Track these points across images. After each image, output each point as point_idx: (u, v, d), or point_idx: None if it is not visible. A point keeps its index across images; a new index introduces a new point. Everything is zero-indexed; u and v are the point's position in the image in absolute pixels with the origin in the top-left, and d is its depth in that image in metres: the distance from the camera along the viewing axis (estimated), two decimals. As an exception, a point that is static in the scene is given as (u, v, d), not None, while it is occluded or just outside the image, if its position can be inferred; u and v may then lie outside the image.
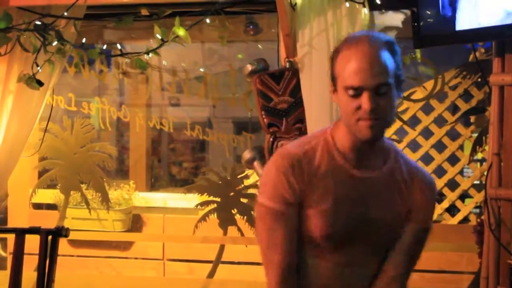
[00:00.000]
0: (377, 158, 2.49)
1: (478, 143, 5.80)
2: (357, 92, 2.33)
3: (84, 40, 4.12)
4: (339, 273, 2.50)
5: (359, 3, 3.88)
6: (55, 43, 3.95)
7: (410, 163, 2.59)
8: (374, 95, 2.32)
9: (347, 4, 3.87)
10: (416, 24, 3.76)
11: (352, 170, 2.47)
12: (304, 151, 2.48)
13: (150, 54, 4.04)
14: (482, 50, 5.14)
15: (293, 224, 2.45)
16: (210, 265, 6.03)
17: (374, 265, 2.54)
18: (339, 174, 2.46)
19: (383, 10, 4.26)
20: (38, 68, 3.98)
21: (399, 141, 6.36)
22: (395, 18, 4.46)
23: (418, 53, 4.91)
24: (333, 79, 2.43)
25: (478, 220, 3.93)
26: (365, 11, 3.92)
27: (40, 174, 6.02)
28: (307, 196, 2.44)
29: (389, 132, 6.33)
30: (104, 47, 4.15)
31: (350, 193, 2.46)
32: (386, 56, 2.36)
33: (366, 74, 2.32)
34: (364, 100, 2.31)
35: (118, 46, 4.21)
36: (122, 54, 4.18)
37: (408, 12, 4.10)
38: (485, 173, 3.73)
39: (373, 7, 3.95)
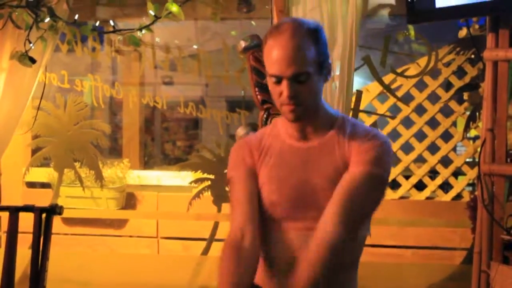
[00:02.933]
0: (319, 130, 2.64)
1: (472, 120, 5.82)
2: (278, 79, 2.51)
3: (76, 17, 4.11)
4: (304, 240, 2.52)
5: (352, -21, 3.89)
6: (47, 19, 3.95)
7: (361, 126, 2.68)
8: (293, 82, 2.49)
9: (341, -20, 3.87)
10: (409, 0, 3.76)
11: (294, 143, 2.66)
12: (255, 136, 2.79)
13: (143, 31, 4.05)
14: (476, 26, 5.14)
15: (250, 187, 2.67)
16: (204, 243, 6.05)
17: None
18: (283, 148, 2.67)
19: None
20: (31, 45, 3.98)
21: (392, 118, 6.38)
22: (388, -4, 4.47)
23: (412, 29, 4.91)
24: (264, 63, 2.60)
25: (471, 196, 3.95)
26: (359, -13, 3.92)
27: (34, 152, 6.03)
28: (259, 171, 2.69)
29: (383, 109, 6.37)
30: (97, 24, 4.12)
31: (293, 162, 2.63)
32: (305, 46, 2.50)
33: (284, 63, 2.48)
34: (283, 88, 2.50)
35: (111, 23, 4.20)
36: (115, 31, 4.18)
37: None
38: (479, 150, 3.74)
39: (367, -17, 3.96)
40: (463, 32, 5.35)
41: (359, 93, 5.24)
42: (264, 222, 2.64)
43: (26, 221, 4.27)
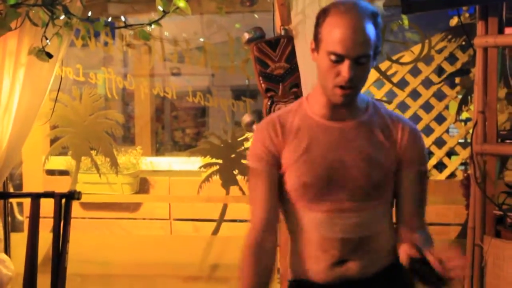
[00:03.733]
0: (352, 111, 2.51)
1: (464, 103, 5.82)
2: (339, 58, 2.35)
3: (89, 14, 4.11)
4: (332, 220, 2.49)
5: (349, -28, 3.87)
6: (62, 17, 3.94)
7: (392, 113, 2.61)
8: (354, 64, 2.35)
9: (338, -27, 3.86)
10: (403, -9, 3.76)
11: (327, 123, 2.52)
12: (279, 114, 2.62)
13: (153, 26, 4.04)
14: (467, 15, 5.13)
15: (271, 182, 2.55)
16: (214, 223, 6.06)
17: (372, 211, 2.52)
18: (315, 128, 2.51)
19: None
20: (47, 41, 3.98)
21: (389, 102, 6.38)
22: (384, -13, 4.47)
23: (405, 19, 4.90)
24: (316, 39, 2.45)
25: (465, 174, 3.96)
26: (356, -21, 3.92)
27: (52, 142, 6.03)
28: (284, 152, 2.53)
29: (379, 94, 6.37)
30: (109, 20, 4.13)
31: (327, 142, 2.49)
32: (370, 28, 2.35)
33: (351, 43, 2.33)
34: (344, 68, 2.35)
35: (122, 18, 4.21)
36: (126, 26, 4.18)
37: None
38: (470, 131, 3.74)
39: (363, -25, 3.95)
40: (454, 21, 5.35)
41: (357, 80, 5.26)
42: (294, 206, 2.57)
43: (47, 206, 4.29)
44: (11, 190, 4.65)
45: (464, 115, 6.09)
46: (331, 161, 2.47)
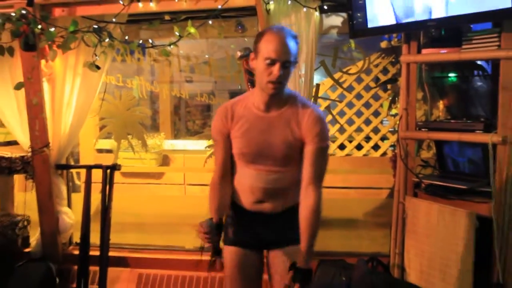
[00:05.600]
0: (279, 104, 2.65)
1: (393, 102, 5.83)
2: (272, 62, 2.52)
3: (126, 37, 4.11)
4: (259, 175, 2.71)
5: (312, 8, 3.87)
6: (107, 40, 3.94)
7: (306, 105, 2.69)
8: (281, 66, 2.53)
9: (305, 9, 3.85)
10: (351, 22, 3.76)
11: (259, 113, 2.68)
12: (232, 103, 2.78)
13: (172, 46, 4.05)
14: (396, 40, 5.13)
15: (225, 147, 2.77)
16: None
17: (285, 173, 2.69)
18: (250, 115, 2.69)
19: (329, 14, 4.26)
20: (96, 57, 3.97)
21: (340, 102, 6.40)
22: (336, 20, 4.46)
23: (352, 42, 4.90)
24: (256, 51, 2.59)
25: (393, 153, 3.97)
26: (317, 14, 3.91)
27: (100, 129, 6.02)
28: (232, 129, 2.73)
29: (334, 95, 6.37)
30: (140, 41, 4.12)
31: (257, 126, 2.67)
32: (292, 44, 2.55)
33: (281, 51, 2.52)
34: (276, 69, 2.53)
35: (150, 41, 4.19)
36: (153, 46, 4.19)
37: (345, 15, 4.09)
38: (398, 122, 3.76)
39: (322, 11, 3.94)
40: (383, 44, 5.35)
41: (318, 85, 5.23)
42: (238, 162, 2.78)
43: (97, 175, 4.29)
44: (72, 163, 4.64)
45: (393, 111, 6.11)
46: (261, 141, 2.67)
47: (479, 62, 3.58)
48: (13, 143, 4.56)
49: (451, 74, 3.83)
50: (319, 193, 2.60)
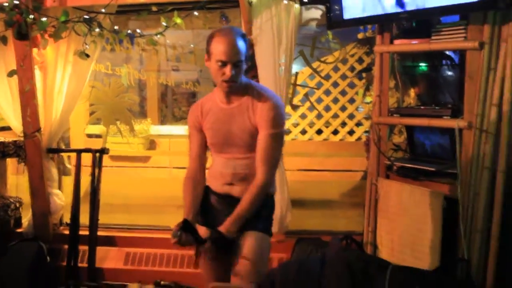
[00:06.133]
0: (238, 96, 2.71)
1: (367, 90, 5.88)
2: (223, 64, 2.59)
3: (116, 27, 4.09)
4: (228, 162, 2.77)
5: (292, 0, 3.88)
6: (97, 29, 3.93)
7: (262, 92, 2.72)
8: (233, 66, 2.59)
9: (285, 1, 3.86)
10: (328, 14, 3.78)
11: (222, 106, 2.74)
12: (202, 101, 2.86)
13: (159, 36, 4.05)
14: (370, 31, 5.16)
15: (199, 139, 2.83)
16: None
17: (251, 159, 2.71)
18: (215, 109, 2.76)
19: (309, 7, 4.27)
20: (86, 46, 3.95)
21: (317, 89, 6.43)
22: (316, 13, 4.47)
23: (330, 34, 4.92)
24: (208, 53, 2.65)
25: (367, 137, 4.00)
26: (296, 6, 3.92)
27: (90, 115, 6.00)
28: (203, 123, 2.79)
29: (312, 83, 6.40)
30: (129, 31, 4.11)
31: (220, 118, 2.74)
32: (241, 44, 2.61)
33: (231, 53, 2.58)
34: (227, 70, 2.60)
35: (138, 30, 4.17)
36: (140, 36, 4.16)
37: (324, 8, 4.10)
38: (371, 108, 3.79)
39: (301, 3, 3.95)
40: (360, 35, 5.39)
41: (297, 74, 5.28)
42: (211, 152, 2.86)
43: (86, 158, 4.29)
44: (63, 147, 4.62)
45: (368, 99, 6.15)
46: (225, 131, 2.73)
47: (447, 52, 3.61)
48: (6, 128, 4.54)
49: (422, 64, 3.85)
50: (267, 176, 2.68)
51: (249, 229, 2.70)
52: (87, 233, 4.19)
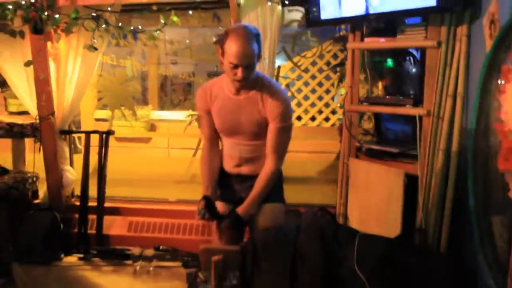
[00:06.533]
0: (248, 88, 2.56)
1: (341, 81, 5.89)
2: (235, 66, 2.43)
3: (120, 24, 4.06)
4: (234, 146, 2.70)
5: (275, 2, 3.87)
6: (103, 26, 3.91)
7: (271, 87, 2.60)
8: (244, 69, 2.43)
9: (269, 3, 3.84)
10: (307, 15, 3.77)
11: (231, 96, 2.61)
12: (211, 84, 2.69)
13: (158, 32, 4.03)
14: (344, 30, 5.17)
15: (209, 120, 2.71)
16: (193, 150, 6.07)
17: (257, 145, 2.66)
18: (223, 96, 2.62)
19: (291, 9, 4.25)
20: (94, 40, 3.94)
21: (298, 79, 6.45)
22: (297, 15, 4.47)
23: (309, 32, 4.92)
24: (222, 49, 2.49)
25: (339, 123, 4.01)
26: (279, 7, 3.91)
27: (98, 101, 5.98)
28: (211, 108, 2.67)
29: (293, 76, 6.40)
30: (132, 28, 4.08)
31: (228, 106, 2.61)
32: (254, 46, 2.43)
33: (242, 57, 2.41)
34: (239, 71, 2.44)
35: (140, 27, 4.15)
36: (142, 31, 4.15)
37: (303, 10, 4.09)
38: (344, 98, 3.79)
39: (283, 4, 3.94)
40: (337, 34, 5.40)
41: (279, 67, 5.28)
42: (220, 134, 2.75)
43: (95, 139, 4.27)
44: (74, 129, 4.61)
45: (342, 91, 6.18)
46: (232, 120, 2.63)
47: (410, 50, 3.63)
48: (25, 113, 4.52)
49: (388, 59, 3.86)
50: (277, 164, 2.64)
51: (265, 201, 2.69)
52: (95, 204, 4.19)
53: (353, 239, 3.17)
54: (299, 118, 6.72)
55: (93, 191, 4.22)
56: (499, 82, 2.34)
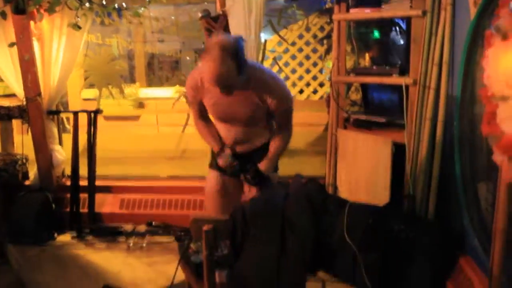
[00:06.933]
0: (242, 87, 2.49)
1: (327, 53, 5.89)
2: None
3: (104, 2, 4.02)
4: (229, 131, 2.72)
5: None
6: (87, 4, 3.87)
7: (266, 80, 2.56)
8: (223, 87, 2.40)
9: (253, -22, 3.82)
10: (292, -13, 3.77)
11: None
12: (200, 73, 2.59)
13: (142, 8, 4.01)
14: (330, 3, 5.15)
15: (199, 104, 2.73)
16: (181, 126, 6.06)
17: (251, 129, 2.70)
18: (216, 91, 2.46)
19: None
20: (78, 18, 3.90)
21: (284, 53, 6.44)
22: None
23: (295, 5, 4.90)
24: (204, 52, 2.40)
25: (327, 95, 4.03)
26: (264, -20, 3.89)
27: (85, 80, 5.94)
28: (203, 98, 2.66)
29: (280, 49, 6.39)
30: (116, 5, 4.04)
31: (222, 100, 2.55)
32: (229, 68, 2.33)
33: (216, 80, 2.36)
34: (220, 89, 2.41)
35: (124, 4, 4.11)
36: (127, 9, 4.12)
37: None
38: (331, 70, 3.80)
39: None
40: (323, 6, 5.39)
41: (266, 41, 5.26)
42: (212, 117, 2.78)
43: (83, 119, 4.26)
44: (62, 109, 4.59)
45: (329, 63, 6.17)
46: (227, 111, 2.63)
47: (396, 20, 3.64)
48: (12, 95, 4.49)
49: (374, 30, 3.88)
50: (287, 136, 2.72)
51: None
52: (86, 183, 4.20)
53: (343, 208, 3.22)
54: (287, 91, 6.73)
55: (83, 171, 4.23)
56: (483, 49, 2.36)
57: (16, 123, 4.56)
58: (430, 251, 2.81)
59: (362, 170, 3.48)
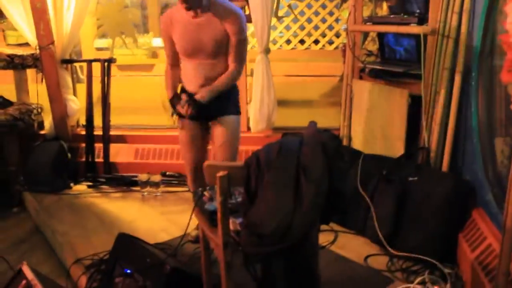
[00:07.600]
0: (203, 10, 2.73)
1: (344, 2, 5.76)
2: None
3: None
4: (196, 67, 2.81)
5: None
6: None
7: (227, 7, 2.75)
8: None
9: None
10: None
11: (190, 19, 2.75)
12: (171, 10, 2.84)
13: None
14: None
15: (170, 43, 2.86)
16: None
17: (216, 63, 2.80)
18: (184, 20, 2.76)
19: None
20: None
21: (300, 1, 6.31)
22: None
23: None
24: None
25: (343, 44, 3.96)
26: None
27: (98, 28, 5.90)
28: (173, 32, 2.81)
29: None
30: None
31: (189, 29, 2.75)
32: None
33: None
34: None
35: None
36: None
37: None
38: (347, 19, 3.71)
39: None
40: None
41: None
42: (181, 57, 2.86)
43: (96, 68, 4.25)
44: (75, 58, 4.57)
45: (345, 13, 6.05)
46: (194, 41, 2.75)
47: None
48: (25, 45, 4.47)
49: (393, -23, 3.76)
50: (238, 67, 2.82)
51: (224, 114, 2.89)
52: (101, 132, 4.23)
53: (357, 159, 3.21)
54: (302, 41, 6.63)
55: (98, 120, 4.25)
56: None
57: (30, 73, 4.56)
58: (443, 203, 2.80)
59: (377, 122, 3.44)
